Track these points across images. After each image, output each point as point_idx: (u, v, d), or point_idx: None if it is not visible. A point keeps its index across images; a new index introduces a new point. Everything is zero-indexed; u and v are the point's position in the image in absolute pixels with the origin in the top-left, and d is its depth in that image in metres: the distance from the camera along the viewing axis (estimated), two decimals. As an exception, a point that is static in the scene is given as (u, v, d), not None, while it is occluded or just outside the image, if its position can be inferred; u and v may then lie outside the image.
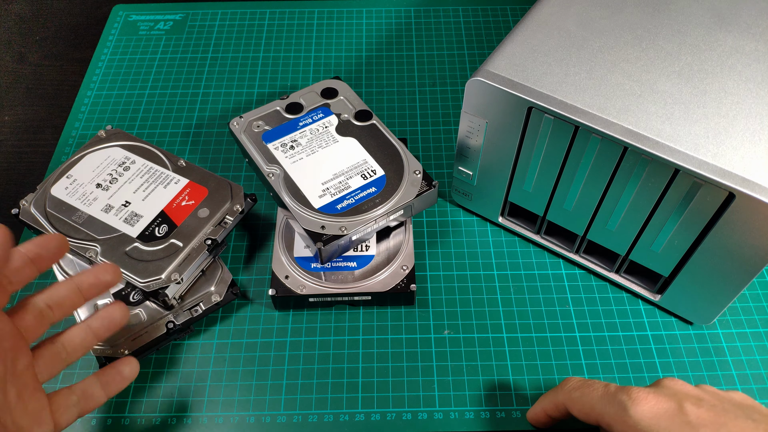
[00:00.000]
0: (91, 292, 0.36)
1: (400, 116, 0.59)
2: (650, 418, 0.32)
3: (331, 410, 0.43)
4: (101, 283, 0.37)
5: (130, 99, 0.61)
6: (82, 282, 0.36)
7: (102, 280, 0.37)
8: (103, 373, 0.37)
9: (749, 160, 0.36)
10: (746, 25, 0.43)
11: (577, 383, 0.37)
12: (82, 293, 0.36)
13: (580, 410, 0.35)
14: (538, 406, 0.40)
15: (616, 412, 0.33)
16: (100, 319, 0.37)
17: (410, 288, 0.45)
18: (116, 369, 0.38)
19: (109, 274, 0.37)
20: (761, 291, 0.48)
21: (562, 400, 0.37)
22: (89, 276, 0.36)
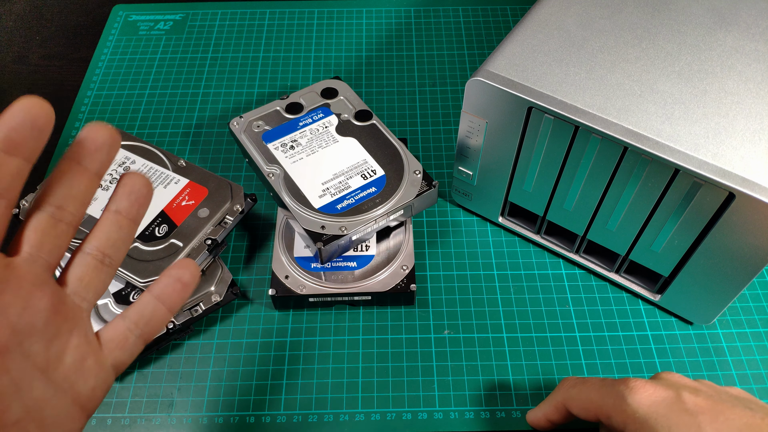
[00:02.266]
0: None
1: (400, 116, 0.59)
2: (648, 406, 0.32)
3: (331, 410, 0.43)
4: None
5: (130, 99, 0.61)
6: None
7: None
8: (158, 286, 0.29)
9: (749, 160, 0.36)
10: (746, 25, 0.43)
11: (574, 381, 0.37)
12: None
13: (579, 406, 0.35)
14: (539, 411, 0.40)
15: (615, 402, 0.33)
16: (125, 196, 0.28)
17: (410, 288, 0.45)
18: (173, 277, 0.29)
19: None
20: (761, 291, 0.48)
21: (561, 399, 0.37)
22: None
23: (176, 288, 0.29)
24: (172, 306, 0.30)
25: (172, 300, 0.29)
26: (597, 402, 0.34)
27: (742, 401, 0.32)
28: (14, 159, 0.24)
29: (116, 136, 0.27)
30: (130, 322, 0.29)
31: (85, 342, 0.27)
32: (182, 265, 0.30)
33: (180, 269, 0.30)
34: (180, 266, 0.30)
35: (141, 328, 0.29)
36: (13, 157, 0.24)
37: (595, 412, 0.34)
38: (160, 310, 0.29)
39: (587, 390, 0.35)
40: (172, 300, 0.29)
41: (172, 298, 0.29)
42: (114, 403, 0.43)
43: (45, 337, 0.26)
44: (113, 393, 0.43)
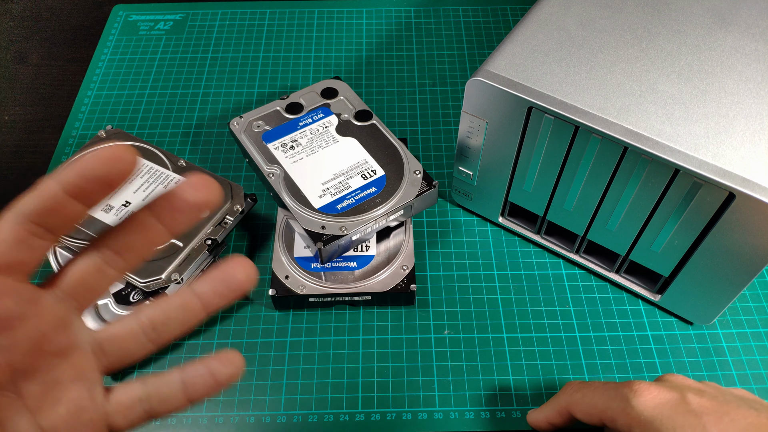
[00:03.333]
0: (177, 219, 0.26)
1: (400, 116, 0.59)
2: (653, 408, 0.32)
3: (331, 410, 0.43)
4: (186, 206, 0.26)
5: (130, 99, 0.61)
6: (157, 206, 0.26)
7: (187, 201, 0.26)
8: (189, 371, 0.26)
9: (749, 160, 0.36)
10: (746, 25, 0.43)
11: (577, 385, 0.37)
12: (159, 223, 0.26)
13: (583, 410, 0.35)
14: (540, 413, 0.39)
15: (619, 405, 0.33)
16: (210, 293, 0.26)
17: (410, 288, 0.45)
18: (208, 368, 0.26)
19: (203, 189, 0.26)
20: (761, 291, 0.48)
21: (564, 404, 0.37)
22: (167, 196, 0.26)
23: (207, 383, 0.26)
24: (193, 399, 0.26)
25: (197, 393, 0.26)
26: (601, 406, 0.34)
27: (747, 402, 0.32)
28: (77, 204, 0.23)
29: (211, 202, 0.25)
30: (145, 393, 0.26)
31: (88, 397, 0.25)
32: (226, 359, 0.26)
33: (221, 363, 0.26)
34: (222, 360, 0.26)
35: (153, 404, 0.26)
36: (76, 202, 0.23)
37: (599, 416, 0.34)
38: (179, 398, 0.26)
39: (591, 394, 0.35)
40: (198, 393, 0.26)
41: (199, 391, 0.26)
42: (114, 403, 0.43)
43: (45, 381, 0.24)
44: (113, 393, 0.43)
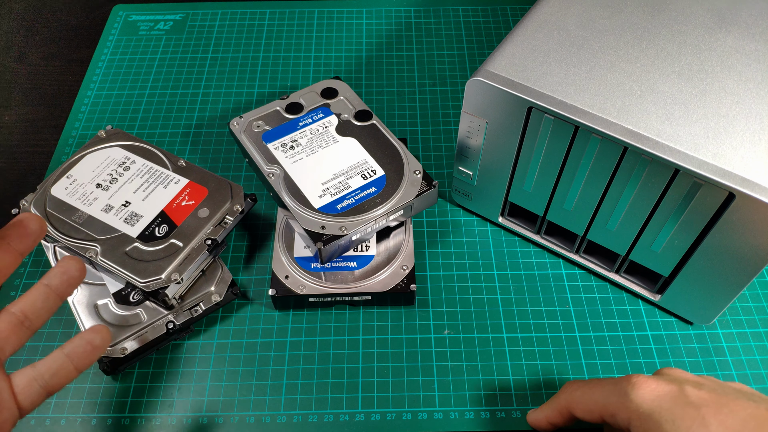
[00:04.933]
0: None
1: (400, 116, 0.59)
2: (651, 401, 0.32)
3: (331, 410, 0.43)
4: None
5: (130, 99, 0.61)
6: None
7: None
8: (70, 345, 0.33)
9: (749, 160, 0.36)
10: (746, 25, 0.43)
11: (577, 384, 0.37)
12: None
13: (584, 408, 0.35)
14: (540, 413, 0.39)
15: (618, 399, 0.33)
16: (58, 275, 0.34)
17: (410, 288, 0.45)
18: (85, 339, 0.34)
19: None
20: (761, 291, 0.48)
21: (564, 403, 0.37)
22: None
23: (86, 350, 0.33)
24: (79, 366, 0.33)
25: (80, 360, 0.33)
26: (601, 402, 0.34)
27: (745, 394, 0.32)
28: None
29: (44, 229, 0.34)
30: (37, 372, 0.32)
31: (1, 379, 0.31)
32: (95, 329, 0.34)
33: (93, 333, 0.34)
34: (93, 330, 0.34)
35: (46, 379, 0.32)
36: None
37: (599, 412, 0.34)
38: (67, 367, 0.33)
39: (590, 391, 0.35)
40: (81, 360, 0.33)
41: (81, 358, 0.33)
42: (114, 403, 0.43)
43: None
44: (113, 393, 0.43)
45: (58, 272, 0.34)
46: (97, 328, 0.34)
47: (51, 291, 0.33)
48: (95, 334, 0.34)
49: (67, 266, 0.34)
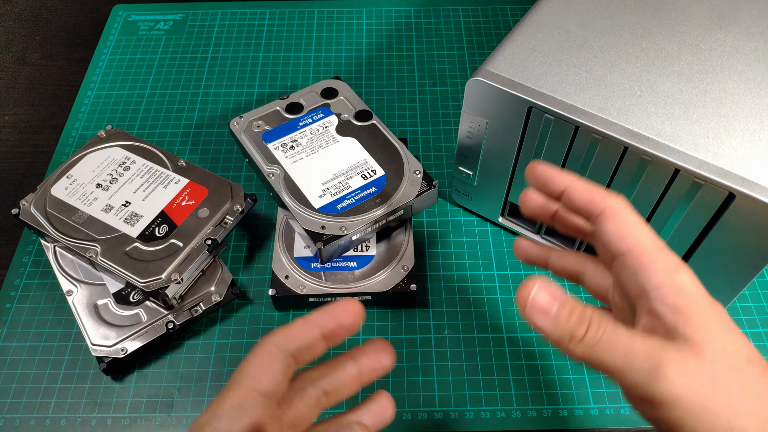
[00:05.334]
0: (371, 376, 0.31)
1: (400, 116, 0.59)
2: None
3: (330, 410, 0.42)
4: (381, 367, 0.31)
5: (130, 99, 0.61)
6: (363, 366, 0.31)
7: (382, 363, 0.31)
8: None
9: (749, 160, 0.36)
10: (746, 25, 0.43)
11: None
12: (361, 378, 0.31)
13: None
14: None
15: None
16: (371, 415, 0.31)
17: (410, 288, 0.45)
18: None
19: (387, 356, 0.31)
20: (761, 291, 0.48)
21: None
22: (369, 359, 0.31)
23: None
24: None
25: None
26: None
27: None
28: (325, 345, 0.29)
29: None
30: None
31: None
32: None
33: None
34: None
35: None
36: (325, 344, 0.29)
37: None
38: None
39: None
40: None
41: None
42: (114, 403, 0.43)
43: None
44: (113, 393, 0.43)
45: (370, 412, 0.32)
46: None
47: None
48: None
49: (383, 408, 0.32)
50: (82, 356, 0.45)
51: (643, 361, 0.25)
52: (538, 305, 0.27)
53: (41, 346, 0.46)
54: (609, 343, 0.26)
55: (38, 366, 0.45)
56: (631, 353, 0.25)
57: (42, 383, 0.44)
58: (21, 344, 0.46)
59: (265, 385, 0.27)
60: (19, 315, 0.47)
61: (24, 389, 0.44)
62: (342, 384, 0.30)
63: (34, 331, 0.46)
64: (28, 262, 0.50)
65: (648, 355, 0.25)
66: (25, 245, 0.51)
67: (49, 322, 0.47)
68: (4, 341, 0.46)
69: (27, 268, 0.50)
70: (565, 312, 0.27)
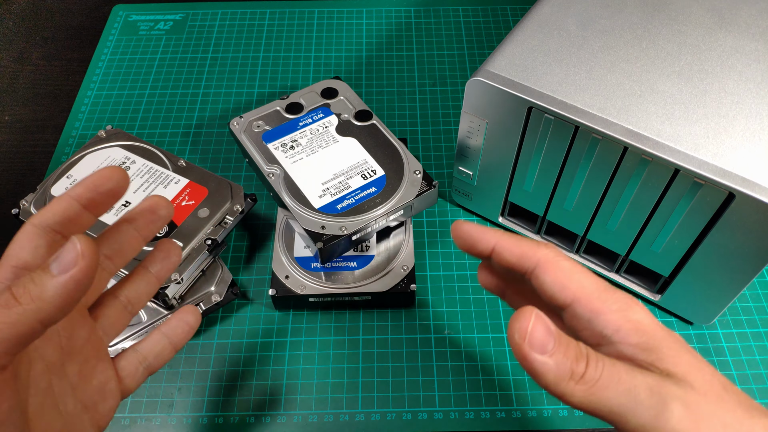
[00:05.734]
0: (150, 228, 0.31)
1: (400, 116, 0.59)
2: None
3: (331, 410, 0.43)
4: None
5: (130, 99, 0.61)
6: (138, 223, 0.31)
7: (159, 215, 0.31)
8: (167, 326, 0.33)
9: (749, 160, 0.36)
10: (746, 25, 0.43)
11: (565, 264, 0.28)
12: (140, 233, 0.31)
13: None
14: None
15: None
16: (159, 261, 0.33)
17: (410, 288, 0.45)
18: (182, 319, 0.33)
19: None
20: (761, 291, 0.48)
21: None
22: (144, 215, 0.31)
23: (184, 330, 0.33)
24: (177, 344, 0.33)
25: (179, 340, 0.33)
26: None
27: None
28: (89, 215, 0.28)
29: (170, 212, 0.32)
30: (141, 355, 0.32)
31: (108, 368, 0.31)
32: (188, 310, 0.34)
33: (186, 313, 0.34)
34: (186, 311, 0.34)
35: (149, 361, 0.32)
36: (89, 212, 0.28)
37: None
38: (167, 348, 0.33)
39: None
40: (180, 340, 0.33)
41: (179, 337, 0.33)
42: (114, 403, 0.43)
43: (79, 361, 0.29)
44: (113, 393, 0.43)
45: (159, 258, 0.33)
46: (190, 308, 0.34)
47: (152, 275, 0.33)
48: (190, 315, 0.34)
49: (167, 250, 0.33)
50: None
51: (648, 397, 0.24)
52: (536, 341, 0.24)
53: (41, 346, 0.46)
54: (611, 380, 0.24)
55: (38, 366, 0.45)
56: (634, 388, 0.24)
57: (42, 383, 0.44)
58: (21, 344, 0.46)
59: (26, 260, 0.26)
60: (19, 315, 0.47)
61: (24, 389, 0.44)
62: (121, 244, 0.30)
63: (34, 331, 0.46)
64: (28, 262, 0.50)
65: (652, 389, 0.24)
66: (25, 245, 0.51)
67: (49, 322, 0.47)
68: (4, 341, 0.46)
69: (27, 268, 0.50)
70: (562, 348, 0.24)
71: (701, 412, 0.24)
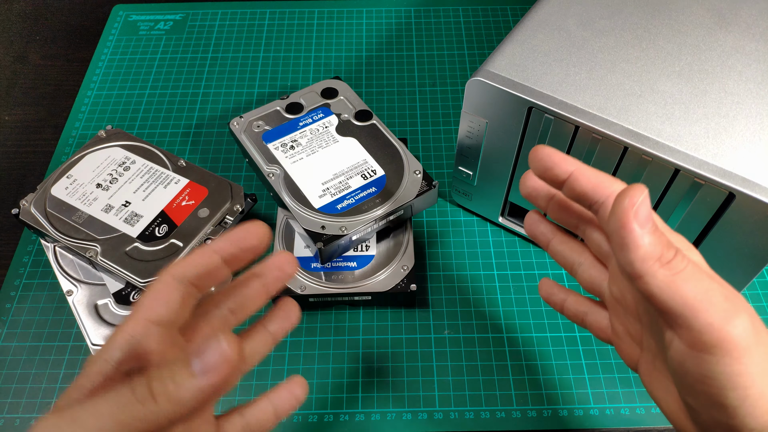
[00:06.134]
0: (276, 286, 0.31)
1: (400, 116, 0.59)
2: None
3: (331, 410, 0.43)
4: (284, 275, 0.31)
5: (130, 99, 0.61)
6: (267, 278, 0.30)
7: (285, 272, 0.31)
8: (276, 396, 0.32)
9: (749, 160, 0.36)
10: (746, 25, 0.43)
11: None
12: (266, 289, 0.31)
13: None
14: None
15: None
16: (278, 319, 0.32)
17: (410, 288, 0.45)
18: (290, 391, 0.32)
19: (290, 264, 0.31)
20: (761, 291, 0.48)
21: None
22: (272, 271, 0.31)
23: (291, 402, 0.32)
24: (281, 416, 0.32)
25: (283, 410, 0.32)
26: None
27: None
28: (227, 270, 0.28)
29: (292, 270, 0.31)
30: (245, 421, 0.31)
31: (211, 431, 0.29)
32: (298, 382, 0.32)
33: (295, 386, 0.32)
34: (296, 383, 0.32)
35: (252, 428, 0.31)
36: (228, 268, 0.28)
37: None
38: (271, 418, 0.32)
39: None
40: (284, 410, 0.32)
41: (285, 408, 0.32)
42: (114, 403, 0.43)
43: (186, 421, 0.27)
44: (113, 393, 0.43)
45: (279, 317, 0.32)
46: (299, 380, 0.33)
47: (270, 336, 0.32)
48: (299, 388, 0.32)
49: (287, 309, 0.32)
50: (82, 356, 0.45)
51: (722, 301, 0.24)
52: (641, 214, 0.25)
53: (41, 346, 0.46)
54: (693, 275, 0.25)
55: (38, 366, 0.45)
56: (712, 290, 0.24)
57: (42, 383, 0.44)
58: (21, 344, 0.46)
59: (159, 314, 0.26)
60: (19, 315, 0.47)
61: (24, 389, 0.44)
62: (247, 299, 0.30)
63: (34, 331, 0.46)
64: (28, 262, 0.50)
65: (726, 297, 0.25)
66: (25, 245, 0.51)
67: (49, 322, 0.47)
68: (4, 341, 0.46)
69: (27, 268, 0.50)
70: (658, 232, 0.25)
71: (761, 333, 0.25)
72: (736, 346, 0.24)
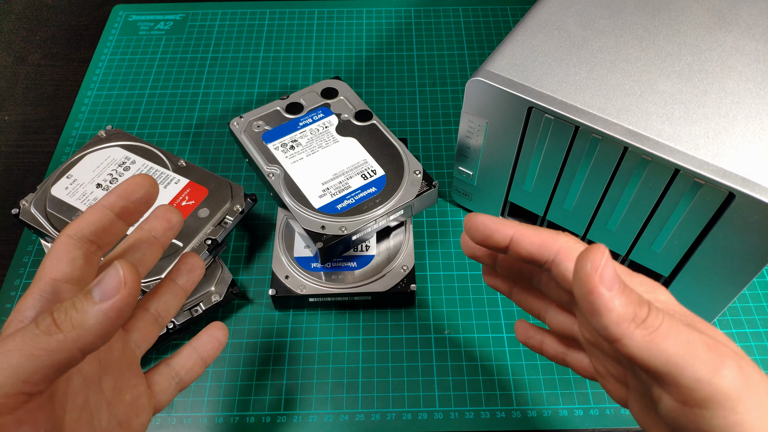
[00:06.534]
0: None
1: (400, 116, 0.59)
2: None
3: (331, 410, 0.43)
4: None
5: (130, 99, 0.61)
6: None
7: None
8: (198, 342, 0.34)
9: (749, 160, 0.36)
10: (746, 25, 0.43)
11: None
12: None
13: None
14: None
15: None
16: (185, 273, 0.33)
17: (410, 288, 0.45)
18: (211, 335, 0.34)
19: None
20: (761, 291, 0.48)
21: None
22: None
23: (214, 345, 0.34)
24: (207, 360, 0.34)
25: (208, 354, 0.34)
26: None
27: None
28: (122, 224, 0.28)
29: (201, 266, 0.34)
30: (173, 370, 0.32)
31: (141, 382, 0.31)
32: (217, 326, 0.34)
33: (216, 329, 0.34)
34: (216, 327, 0.34)
35: (181, 376, 0.33)
36: (122, 221, 0.28)
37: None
38: (198, 363, 0.33)
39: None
40: (209, 354, 0.34)
41: (209, 352, 0.34)
42: (114, 403, 0.43)
43: (114, 375, 0.29)
44: (113, 393, 0.43)
45: (184, 270, 0.33)
46: (219, 325, 0.34)
47: (179, 288, 0.33)
48: (219, 331, 0.34)
49: (192, 263, 0.34)
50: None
51: (705, 352, 0.23)
52: (606, 277, 0.24)
53: (41, 346, 0.45)
54: (671, 330, 0.23)
55: (38, 366, 0.45)
56: (693, 342, 0.23)
57: (42, 383, 0.44)
58: (21, 344, 0.46)
59: (65, 272, 0.26)
60: (19, 315, 0.47)
61: (24, 389, 0.44)
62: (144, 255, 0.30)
63: (34, 331, 0.46)
64: (28, 262, 0.50)
65: (709, 346, 0.24)
66: (25, 245, 0.51)
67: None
68: (4, 341, 0.46)
69: (27, 268, 0.50)
70: (627, 290, 0.24)
71: (751, 376, 0.24)
72: (729, 396, 0.23)
